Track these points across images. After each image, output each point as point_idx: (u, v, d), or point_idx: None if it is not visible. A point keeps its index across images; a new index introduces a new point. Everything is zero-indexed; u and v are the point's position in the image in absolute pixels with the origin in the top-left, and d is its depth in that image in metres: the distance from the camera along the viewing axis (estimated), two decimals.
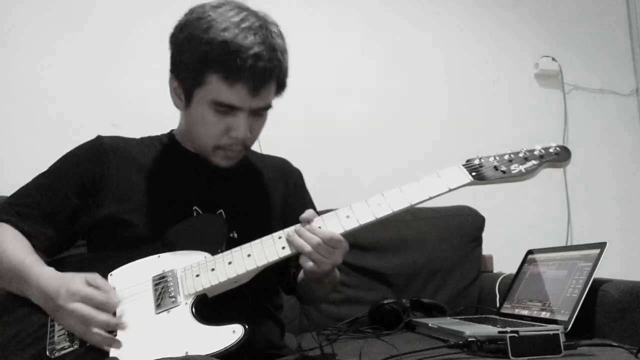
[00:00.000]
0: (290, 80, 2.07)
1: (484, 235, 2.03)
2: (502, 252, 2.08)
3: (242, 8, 1.08)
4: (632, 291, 1.35)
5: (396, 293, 1.80)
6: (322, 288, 1.21)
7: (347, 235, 1.03)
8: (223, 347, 0.90)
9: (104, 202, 1.12)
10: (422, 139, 2.28)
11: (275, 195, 1.26)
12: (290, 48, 2.10)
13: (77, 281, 0.96)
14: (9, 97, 1.84)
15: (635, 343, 1.20)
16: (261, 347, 1.10)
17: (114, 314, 0.97)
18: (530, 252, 1.68)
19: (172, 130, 1.27)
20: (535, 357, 1.10)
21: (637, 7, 2.67)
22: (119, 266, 1.05)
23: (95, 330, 0.92)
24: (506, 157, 1.11)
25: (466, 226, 2.00)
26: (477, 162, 1.10)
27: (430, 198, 1.05)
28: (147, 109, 1.91)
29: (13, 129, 1.83)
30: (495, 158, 1.10)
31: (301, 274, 1.22)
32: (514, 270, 1.70)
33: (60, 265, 1.05)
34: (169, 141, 1.24)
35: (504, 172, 1.08)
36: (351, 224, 1.03)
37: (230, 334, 0.91)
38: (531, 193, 2.36)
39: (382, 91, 2.27)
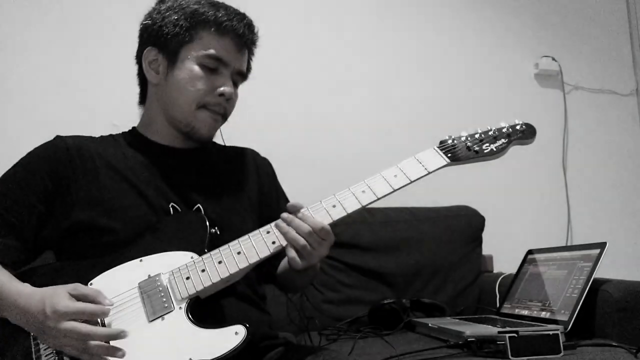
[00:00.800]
0: (290, 80, 2.09)
1: (484, 235, 2.03)
2: (502, 252, 2.08)
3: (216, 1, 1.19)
4: (632, 291, 1.35)
5: (396, 293, 1.80)
6: (304, 278, 1.18)
7: (332, 227, 1.02)
8: (227, 350, 0.87)
9: (73, 208, 1.06)
10: (421, 139, 2.27)
11: (249, 184, 1.24)
12: (289, 48, 2.11)
13: (61, 298, 0.89)
14: (8, 97, 1.84)
15: (635, 343, 1.20)
16: (256, 340, 1.08)
17: (103, 324, 0.93)
18: (530, 252, 1.68)
19: (133, 127, 1.23)
20: (535, 357, 1.10)
21: (637, 8, 2.67)
22: (97, 274, 0.99)
23: (95, 343, 0.88)
24: (477, 136, 1.14)
25: (466, 226, 2.00)
26: (450, 142, 1.13)
27: (411, 182, 1.07)
28: None
29: (12, 129, 1.82)
30: (467, 138, 1.14)
31: (282, 264, 1.21)
32: (514, 270, 1.70)
33: (30, 277, 0.99)
34: (134, 136, 1.20)
35: (476, 152, 1.12)
36: (339, 214, 1.02)
37: (233, 335, 0.89)
38: (531, 193, 2.36)
39: (381, 91, 2.27)
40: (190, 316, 0.94)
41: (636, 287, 1.35)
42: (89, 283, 0.98)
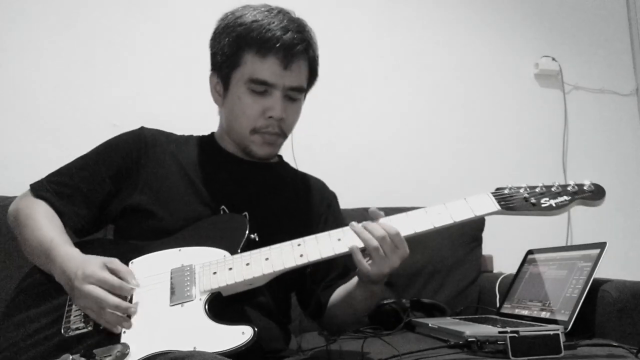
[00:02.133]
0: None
1: (484, 235, 2.03)
2: (502, 252, 2.08)
3: (270, 6, 1.17)
4: (632, 291, 1.35)
5: (396, 293, 1.80)
6: (366, 301, 1.16)
7: None
8: (231, 347, 0.90)
9: (134, 191, 1.15)
10: (422, 138, 2.28)
11: (304, 210, 1.26)
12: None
13: (94, 264, 0.98)
14: (9, 97, 1.84)
15: (635, 343, 1.20)
16: (268, 352, 1.10)
17: (131, 299, 0.99)
18: (530, 252, 1.68)
19: (212, 133, 1.30)
20: (535, 357, 1.10)
21: (637, 7, 2.67)
22: (141, 255, 1.07)
23: (109, 310, 0.94)
24: (537, 189, 1.10)
25: (466, 226, 2.00)
26: (507, 191, 1.10)
27: (455, 223, 1.05)
28: (147, 109, 1.91)
29: (12, 129, 1.82)
30: (526, 189, 1.10)
31: (337, 291, 1.21)
32: (514, 270, 1.70)
33: (87, 248, 1.07)
34: (208, 141, 1.27)
35: (533, 204, 1.07)
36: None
37: (240, 335, 0.92)
38: None
39: (382, 91, 2.27)
40: (207, 309, 0.97)
41: (636, 287, 1.35)
42: (130, 262, 1.06)
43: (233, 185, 1.19)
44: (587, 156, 2.48)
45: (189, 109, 1.88)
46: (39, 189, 1.15)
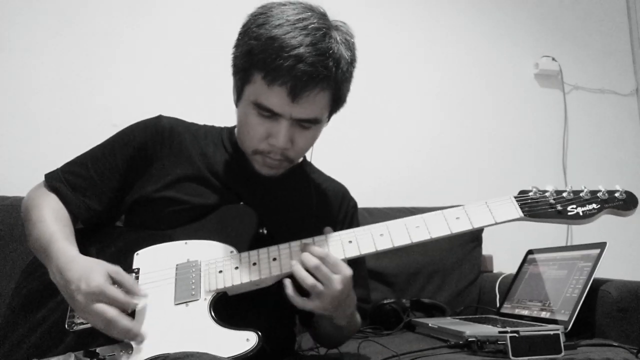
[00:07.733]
0: None
1: (484, 235, 2.03)
2: (502, 252, 2.08)
3: (310, 8, 1.02)
4: (632, 291, 1.35)
5: (396, 293, 1.80)
6: (337, 330, 1.11)
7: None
8: (234, 355, 0.87)
9: (147, 181, 1.11)
10: (422, 138, 2.28)
11: (320, 217, 1.17)
12: None
13: (98, 275, 0.90)
14: (9, 97, 1.84)
15: (635, 343, 1.20)
16: (271, 353, 1.07)
17: None
18: (530, 252, 1.68)
19: (235, 125, 1.21)
20: (535, 357, 1.10)
21: (637, 7, 2.67)
22: (147, 246, 1.04)
23: (117, 330, 0.89)
24: (565, 194, 1.03)
25: None
26: (532, 194, 1.03)
27: (474, 229, 1.00)
28: (146, 108, 1.91)
29: (13, 129, 1.82)
30: (552, 194, 1.02)
31: None
32: (514, 270, 1.70)
33: (92, 237, 1.06)
34: (226, 135, 1.21)
35: (559, 212, 1.00)
36: (385, 244, 0.99)
37: (244, 341, 0.89)
38: None
39: (381, 90, 2.27)
40: (212, 310, 0.95)
41: (636, 287, 1.35)
42: (135, 253, 1.04)
43: (245, 185, 1.14)
44: (587, 156, 2.48)
45: (190, 108, 1.88)
46: (52, 179, 1.11)
